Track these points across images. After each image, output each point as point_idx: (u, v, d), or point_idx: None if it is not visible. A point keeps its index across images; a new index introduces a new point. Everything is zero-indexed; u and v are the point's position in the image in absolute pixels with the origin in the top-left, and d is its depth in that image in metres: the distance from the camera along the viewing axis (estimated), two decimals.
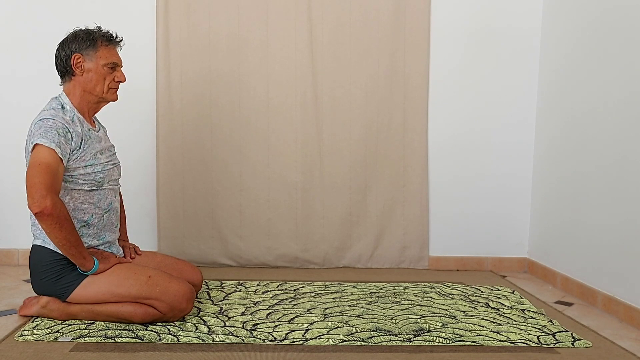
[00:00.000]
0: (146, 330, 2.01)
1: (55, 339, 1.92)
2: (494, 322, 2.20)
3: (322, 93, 3.08)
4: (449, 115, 3.16)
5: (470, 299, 2.53)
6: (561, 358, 1.89)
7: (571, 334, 2.09)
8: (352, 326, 2.12)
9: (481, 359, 1.86)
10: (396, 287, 2.70)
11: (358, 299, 2.48)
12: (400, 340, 1.99)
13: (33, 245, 2.10)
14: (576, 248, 2.74)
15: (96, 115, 2.29)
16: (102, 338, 1.93)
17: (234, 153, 3.08)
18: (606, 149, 2.50)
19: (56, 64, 2.14)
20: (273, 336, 2.00)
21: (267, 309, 2.31)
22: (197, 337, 1.96)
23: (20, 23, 2.99)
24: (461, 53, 3.14)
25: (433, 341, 1.98)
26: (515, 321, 2.23)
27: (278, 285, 2.71)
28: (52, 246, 2.03)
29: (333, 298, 2.49)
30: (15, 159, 2.91)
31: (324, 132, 3.10)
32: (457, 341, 1.99)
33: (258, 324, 2.12)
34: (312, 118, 3.08)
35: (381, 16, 3.06)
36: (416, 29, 3.08)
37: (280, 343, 1.94)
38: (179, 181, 3.07)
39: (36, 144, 1.96)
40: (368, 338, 2.00)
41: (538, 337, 2.05)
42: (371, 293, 2.59)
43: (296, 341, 1.96)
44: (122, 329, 2.01)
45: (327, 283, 2.77)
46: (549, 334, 2.09)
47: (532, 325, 2.19)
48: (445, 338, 2.01)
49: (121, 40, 2.20)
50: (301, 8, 3.03)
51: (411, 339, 1.99)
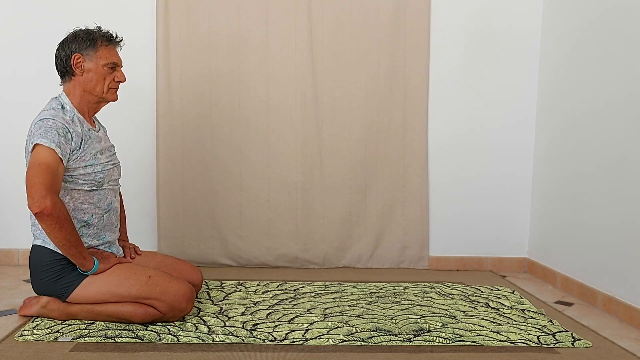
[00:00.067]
0: (146, 330, 2.01)
1: (55, 339, 1.92)
2: (494, 322, 2.20)
3: (322, 93, 3.08)
4: (449, 115, 3.16)
5: (470, 299, 2.53)
6: (561, 358, 1.89)
7: (571, 334, 2.09)
8: (352, 326, 2.12)
9: (481, 359, 1.86)
10: (396, 287, 2.70)
11: (358, 299, 2.48)
12: (400, 340, 1.99)
13: (33, 245, 2.10)
14: (576, 248, 2.74)
15: (96, 115, 2.29)
16: (102, 338, 1.93)
17: (234, 153, 3.08)
18: (606, 149, 2.50)
19: (56, 64, 2.14)
20: (273, 336, 2.00)
21: (267, 309, 2.31)
22: (197, 337, 1.96)
23: (20, 23, 2.99)
24: (461, 53, 3.14)
25: (433, 341, 1.98)
26: (515, 321, 2.23)
27: (278, 285, 2.71)
28: (52, 246, 2.04)
29: (333, 298, 2.49)
30: (15, 159, 2.91)
31: (324, 132, 3.10)
32: (457, 341, 1.99)
33: (258, 324, 2.12)
34: (312, 118, 3.08)
35: (381, 16, 3.06)
36: (416, 29, 3.08)
37: (280, 343, 1.94)
38: (179, 181, 3.07)
39: (36, 144, 1.96)
40: (368, 338, 2.00)
41: (538, 337, 2.05)
42: (371, 293, 2.59)
43: (296, 341, 1.96)
44: (122, 329, 2.01)
45: (327, 283, 2.77)
46: (549, 334, 2.09)
47: (532, 325, 2.19)
48: (445, 338, 2.01)
49: (121, 40, 2.20)
50: (301, 8, 3.03)
51: (411, 339, 2.00)
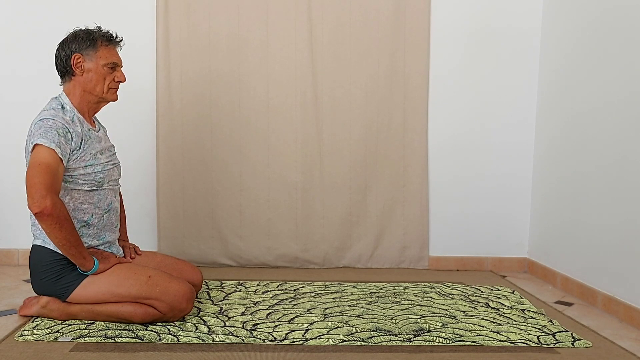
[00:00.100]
0: (146, 330, 2.01)
1: (55, 339, 1.92)
2: (494, 322, 2.20)
3: (322, 93, 3.08)
4: (449, 115, 3.16)
5: (470, 299, 2.52)
6: (561, 358, 1.89)
7: (571, 334, 2.09)
8: (352, 326, 2.12)
9: (481, 359, 1.86)
10: (396, 287, 2.70)
11: (358, 299, 2.48)
12: (400, 340, 1.99)
13: (33, 245, 2.10)
14: (576, 248, 2.74)
15: (96, 115, 2.29)
16: (102, 338, 1.93)
17: (234, 153, 3.08)
18: (606, 149, 2.50)
19: (56, 64, 2.14)
20: (273, 336, 2.00)
21: (267, 309, 2.31)
22: (197, 337, 1.96)
23: (20, 23, 2.99)
24: (461, 53, 3.14)
25: (433, 341, 1.98)
26: (515, 321, 2.23)
27: (278, 285, 2.71)
28: (52, 246, 2.03)
29: (333, 298, 2.49)
30: (15, 159, 2.91)
31: (324, 132, 3.10)
32: (457, 341, 1.99)
33: (258, 324, 2.12)
34: (312, 118, 3.08)
35: (381, 16, 3.06)
36: (416, 29, 3.08)
37: (280, 343, 1.94)
38: (179, 181, 3.07)
39: (36, 144, 1.96)
40: (368, 338, 2.00)
41: (538, 337, 2.05)
42: (371, 293, 2.59)
43: (296, 341, 1.96)
44: (122, 329, 2.01)
45: (327, 283, 2.76)
46: (549, 334, 2.09)
47: (532, 325, 2.19)
48: (445, 338, 2.01)
49: (121, 40, 2.20)
50: (301, 8, 3.03)
51: (411, 339, 1.99)
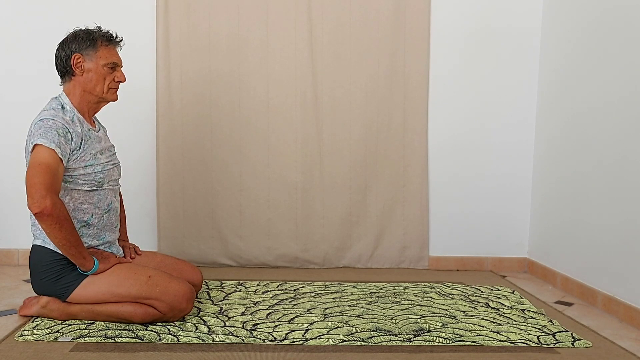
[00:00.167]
0: (146, 330, 2.01)
1: (55, 339, 1.92)
2: (494, 322, 2.20)
3: (322, 93, 3.08)
4: (449, 115, 3.16)
5: (470, 299, 2.52)
6: (561, 358, 1.89)
7: (571, 334, 2.09)
8: (352, 326, 2.12)
9: (481, 359, 1.86)
10: (396, 287, 2.70)
11: (358, 299, 2.48)
12: (400, 340, 1.99)
13: (33, 245, 2.10)
14: (576, 248, 2.74)
15: (96, 115, 2.29)
16: (102, 338, 1.93)
17: (234, 153, 3.08)
18: (606, 149, 2.50)
19: (56, 64, 2.14)
20: (273, 336, 2.00)
21: (267, 309, 2.31)
22: (197, 337, 1.96)
23: (20, 23, 2.99)
24: (461, 53, 3.14)
25: (433, 341, 1.98)
26: (515, 321, 2.23)
27: (278, 285, 2.71)
28: (52, 246, 2.03)
29: (333, 298, 2.49)
30: (15, 159, 2.91)
31: (324, 132, 3.10)
32: (457, 341, 1.99)
33: (258, 324, 2.12)
34: (312, 118, 3.08)
35: (381, 16, 3.06)
36: (416, 29, 3.08)
37: (280, 343, 1.94)
38: (179, 181, 3.07)
39: (36, 144, 1.96)
40: (368, 338, 2.00)
41: (538, 337, 2.05)
42: (371, 293, 2.59)
43: (296, 341, 1.96)
44: (122, 329, 2.01)
45: (327, 283, 2.77)
46: (549, 334, 2.09)
47: (532, 325, 2.19)
48: (445, 338, 2.01)
49: (121, 40, 2.20)
50: (301, 8, 3.03)
51: (411, 339, 1.99)
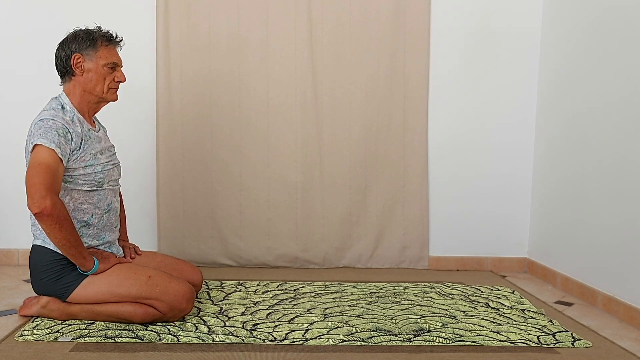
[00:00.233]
0: (146, 330, 2.01)
1: (55, 339, 1.92)
2: (494, 322, 2.20)
3: (322, 93, 3.08)
4: (449, 115, 3.16)
5: (470, 299, 2.52)
6: (561, 358, 1.89)
7: (571, 334, 2.09)
8: (352, 326, 2.12)
9: (481, 359, 1.86)
10: (396, 287, 2.70)
11: (358, 299, 2.48)
12: (400, 340, 1.99)
13: (33, 245, 2.10)
14: (576, 248, 2.73)
15: (96, 115, 2.29)
16: (102, 338, 1.93)
17: (234, 153, 3.08)
18: (606, 149, 2.50)
19: (56, 64, 2.14)
20: (273, 336, 2.00)
21: (267, 309, 2.31)
22: (197, 337, 1.96)
23: (20, 23, 2.99)
24: (461, 53, 3.14)
25: (433, 341, 1.98)
26: (515, 321, 2.23)
27: (278, 285, 2.71)
28: (52, 246, 2.03)
29: (333, 298, 2.49)
30: (15, 159, 2.91)
31: (324, 132, 3.10)
32: (457, 341, 1.99)
33: (258, 324, 2.12)
34: (312, 118, 3.08)
35: (381, 16, 3.06)
36: (416, 29, 3.08)
37: (280, 343, 1.94)
38: (179, 181, 3.07)
39: (36, 144, 1.96)
40: (368, 338, 2.00)
41: (538, 337, 2.05)
42: (371, 293, 2.59)
43: (296, 341, 1.96)
44: (122, 329, 2.01)
45: (327, 283, 2.77)
46: (549, 334, 2.09)
47: (532, 325, 2.19)
48: (445, 338, 2.01)
49: (121, 40, 2.20)
50: (301, 8, 3.03)
51: (411, 339, 2.00)
